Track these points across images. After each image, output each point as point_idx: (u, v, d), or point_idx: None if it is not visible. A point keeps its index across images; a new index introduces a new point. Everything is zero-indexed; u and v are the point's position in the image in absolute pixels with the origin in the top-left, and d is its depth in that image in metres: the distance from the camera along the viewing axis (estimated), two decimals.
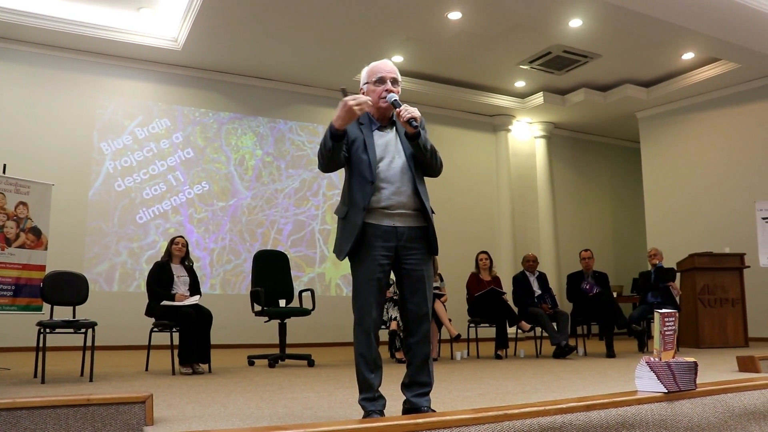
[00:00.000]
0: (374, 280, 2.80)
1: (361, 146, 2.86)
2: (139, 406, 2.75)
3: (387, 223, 2.81)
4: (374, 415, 2.76)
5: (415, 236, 2.84)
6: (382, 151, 2.87)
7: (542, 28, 8.82)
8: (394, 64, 2.99)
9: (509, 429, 2.67)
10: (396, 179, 2.83)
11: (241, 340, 8.87)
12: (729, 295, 8.61)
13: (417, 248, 2.84)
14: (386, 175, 2.83)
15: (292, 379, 5.03)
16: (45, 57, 8.89)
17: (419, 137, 2.77)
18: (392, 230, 2.81)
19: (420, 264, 2.84)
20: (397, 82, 2.92)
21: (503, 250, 11.70)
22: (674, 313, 3.37)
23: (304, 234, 10.29)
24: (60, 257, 7.40)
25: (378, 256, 2.80)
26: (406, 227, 2.83)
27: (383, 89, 2.88)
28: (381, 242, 2.80)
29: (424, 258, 2.86)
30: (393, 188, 2.82)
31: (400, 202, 2.82)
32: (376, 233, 2.80)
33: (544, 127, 12.62)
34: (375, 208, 2.81)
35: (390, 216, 2.82)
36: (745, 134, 10.44)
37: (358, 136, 2.89)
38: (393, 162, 2.86)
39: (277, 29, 8.55)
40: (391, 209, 2.81)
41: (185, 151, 9.67)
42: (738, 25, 8.37)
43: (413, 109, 2.76)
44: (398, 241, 2.82)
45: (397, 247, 2.83)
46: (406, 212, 2.84)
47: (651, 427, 3.00)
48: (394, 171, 2.84)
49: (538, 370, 5.60)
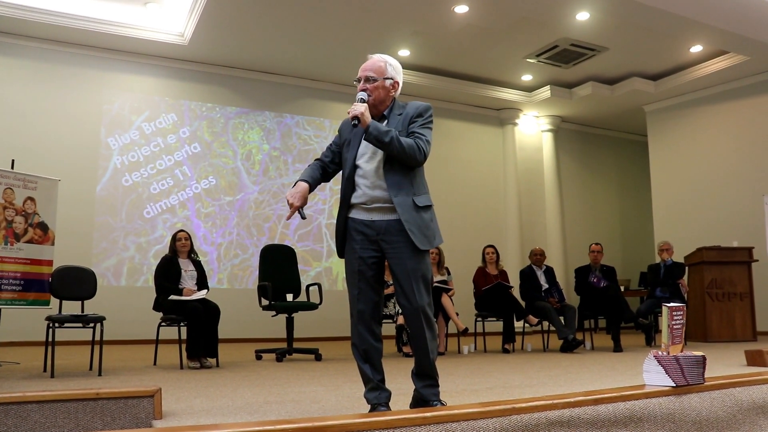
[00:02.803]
0: (356, 273, 2.88)
1: (347, 146, 2.97)
2: (147, 400, 2.76)
3: (365, 217, 2.88)
4: (379, 408, 2.80)
5: (394, 229, 2.83)
6: (365, 147, 2.90)
7: (549, 21, 8.78)
8: (378, 58, 2.99)
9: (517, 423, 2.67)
10: (371, 174, 2.87)
11: (249, 335, 8.89)
12: (737, 288, 8.57)
13: (398, 241, 2.83)
14: (364, 171, 2.88)
15: (300, 373, 5.05)
16: (52, 52, 8.91)
17: (370, 131, 2.76)
18: (369, 224, 2.87)
19: (402, 258, 2.82)
20: (372, 79, 2.91)
21: (510, 244, 11.68)
22: (682, 307, 3.36)
23: (311, 228, 10.29)
24: (68, 252, 7.43)
25: (358, 249, 2.87)
26: (383, 221, 2.86)
27: (360, 87, 2.92)
28: (361, 236, 2.88)
29: (407, 251, 2.81)
30: (368, 183, 2.87)
31: (374, 197, 2.85)
32: (357, 228, 2.89)
33: (551, 120, 12.57)
34: (355, 203, 2.90)
35: (368, 210, 2.88)
36: (753, 127, 10.37)
37: (348, 136, 2.97)
38: (372, 157, 2.89)
39: (284, 24, 8.54)
40: (368, 204, 2.87)
41: (192, 146, 9.68)
42: (746, 17, 8.31)
43: (356, 107, 2.78)
44: (377, 234, 2.86)
45: (378, 241, 2.86)
46: (382, 206, 2.85)
47: (659, 421, 3.00)
48: (372, 166, 2.87)
49: (546, 364, 5.60)
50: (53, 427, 2.56)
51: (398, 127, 2.88)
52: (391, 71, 2.96)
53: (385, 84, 2.93)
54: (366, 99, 2.87)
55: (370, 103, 2.89)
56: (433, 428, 2.49)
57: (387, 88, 2.94)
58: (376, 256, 2.89)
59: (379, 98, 2.92)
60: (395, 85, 2.97)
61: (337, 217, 2.97)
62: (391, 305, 6.92)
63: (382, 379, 2.92)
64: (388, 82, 2.94)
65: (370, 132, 2.76)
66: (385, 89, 2.93)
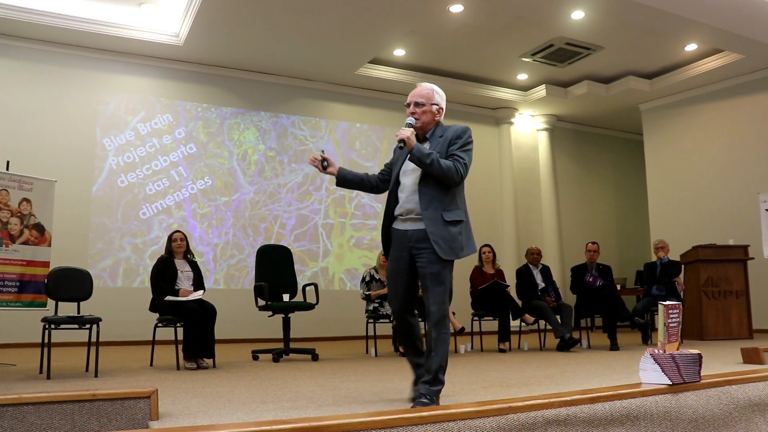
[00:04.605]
0: (393, 277, 3.30)
1: (395, 165, 3.40)
2: (144, 401, 2.76)
3: (401, 227, 3.27)
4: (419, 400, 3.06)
5: (423, 238, 3.14)
6: (407, 165, 3.27)
7: (544, 20, 8.79)
8: (426, 86, 3.36)
9: (513, 422, 2.68)
10: (409, 189, 3.23)
11: (245, 335, 8.89)
12: (733, 286, 8.59)
13: (424, 249, 3.14)
14: (403, 186, 3.27)
15: (297, 373, 5.04)
16: (47, 53, 8.88)
17: (414, 153, 3.09)
18: (404, 233, 3.24)
19: (426, 264, 3.13)
20: (421, 104, 3.28)
21: (506, 243, 11.70)
22: (678, 305, 3.37)
23: (307, 228, 10.29)
24: (64, 253, 7.41)
25: (396, 256, 3.28)
26: (414, 230, 3.20)
27: (409, 112, 3.30)
28: (398, 244, 3.27)
29: (431, 258, 3.12)
30: (405, 197, 3.25)
31: (408, 209, 3.22)
32: (395, 237, 3.30)
33: (547, 119, 12.58)
34: (396, 215, 3.30)
35: (404, 221, 3.26)
36: (748, 126, 10.40)
37: (396, 155, 3.41)
38: (411, 174, 3.25)
39: (279, 23, 8.54)
40: (404, 215, 3.25)
41: (188, 147, 9.67)
42: (741, 16, 8.33)
43: (403, 131, 3.13)
44: (409, 242, 3.21)
45: (410, 248, 3.21)
46: (414, 217, 3.20)
47: (655, 420, 3.00)
48: (410, 182, 3.24)
49: (542, 363, 5.60)
50: (49, 428, 2.56)
51: (439, 149, 3.20)
52: (438, 98, 3.33)
53: (431, 109, 3.29)
54: (413, 123, 3.24)
55: (417, 126, 3.26)
56: (430, 428, 2.50)
57: (433, 113, 3.30)
58: (410, 262, 3.24)
59: (425, 122, 3.29)
60: (440, 111, 3.34)
61: (381, 226, 3.40)
62: (388, 305, 6.92)
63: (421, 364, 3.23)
64: (434, 107, 3.30)
65: (413, 153, 3.09)
66: (432, 114, 3.30)
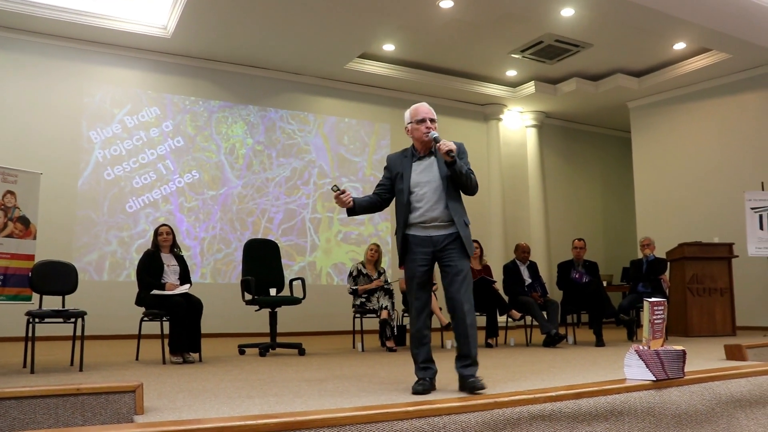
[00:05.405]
0: (414, 277, 3.58)
1: (399, 177, 3.66)
2: (129, 395, 2.74)
3: (423, 234, 3.55)
4: (421, 382, 3.40)
5: (449, 241, 3.53)
6: (418, 176, 3.61)
7: (534, 16, 8.80)
8: (429, 106, 3.74)
9: (499, 417, 2.69)
10: (429, 199, 3.55)
11: (232, 329, 8.86)
12: (717, 284, 8.66)
13: (451, 249, 3.52)
14: (421, 196, 3.56)
15: (283, 367, 5.03)
16: (32, 44, 8.78)
17: (455, 164, 3.46)
18: (428, 239, 3.54)
19: (454, 261, 3.50)
20: (434, 120, 3.67)
21: (494, 239, 11.72)
22: (663, 302, 3.39)
23: (294, 223, 10.27)
24: (49, 247, 7.35)
25: (417, 259, 3.55)
26: (440, 235, 3.54)
27: (425, 127, 3.61)
28: (420, 248, 3.55)
29: (458, 257, 3.52)
30: (427, 206, 3.54)
31: (432, 217, 3.54)
32: (416, 242, 3.57)
33: (536, 116, 12.61)
34: (413, 223, 3.58)
35: (425, 228, 3.55)
36: (735, 125, 10.47)
37: (399, 169, 3.67)
38: (428, 185, 3.57)
39: (268, 17, 8.49)
40: (426, 223, 3.55)
41: (175, 140, 9.62)
42: (729, 16, 8.38)
43: (450, 143, 3.46)
44: (434, 246, 3.53)
45: (435, 251, 3.54)
46: (438, 224, 3.54)
47: (639, 415, 3.02)
48: (430, 192, 3.56)
49: (528, 359, 5.63)
50: (32, 423, 2.54)
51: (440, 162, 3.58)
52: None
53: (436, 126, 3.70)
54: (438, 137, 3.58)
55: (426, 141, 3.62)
56: (416, 422, 2.50)
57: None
58: (428, 265, 3.57)
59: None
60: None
61: (397, 233, 3.67)
62: (375, 300, 6.91)
63: (431, 359, 3.55)
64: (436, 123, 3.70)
65: (457, 164, 3.47)
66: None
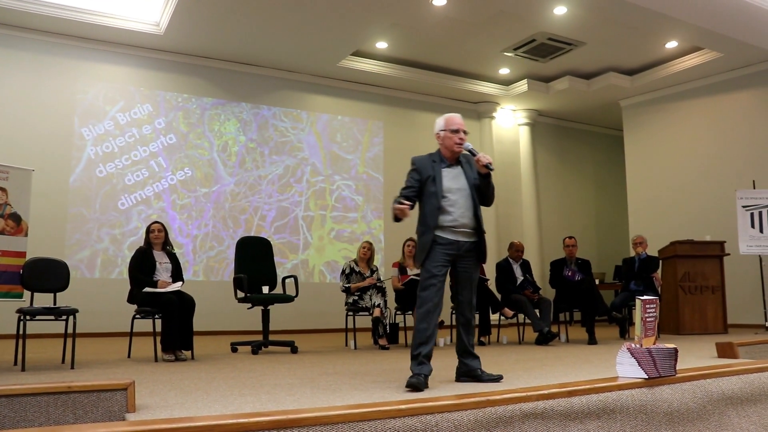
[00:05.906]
0: (434, 277, 3.70)
1: (431, 180, 3.78)
2: (120, 393, 2.73)
3: (451, 237, 3.74)
4: (416, 376, 3.47)
5: (470, 248, 3.81)
6: (450, 182, 3.79)
7: (527, 15, 8.80)
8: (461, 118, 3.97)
9: (491, 415, 2.69)
10: (461, 205, 3.76)
11: (224, 327, 8.84)
12: (709, 282, 8.70)
13: (469, 257, 3.82)
14: (453, 201, 3.74)
15: (276, 365, 5.03)
16: (24, 40, 8.73)
17: (490, 176, 3.79)
18: (454, 243, 3.74)
19: (470, 268, 3.84)
20: (467, 132, 3.89)
21: (486, 237, 11.70)
22: (655, 300, 3.40)
23: (287, 220, 10.25)
24: (41, 244, 7.32)
25: (439, 260, 3.70)
26: (465, 241, 3.78)
27: (459, 138, 3.83)
28: (443, 250, 3.72)
29: (474, 264, 3.86)
30: (459, 212, 3.74)
31: (462, 223, 3.76)
32: (443, 243, 3.72)
33: (528, 114, 12.63)
34: (443, 226, 3.73)
35: (454, 232, 3.74)
36: (727, 123, 10.52)
37: (430, 173, 3.79)
38: (459, 192, 3.78)
39: (261, 14, 8.47)
40: (456, 228, 3.74)
41: (168, 137, 9.58)
42: (721, 15, 8.41)
43: (488, 156, 3.76)
44: (458, 251, 3.75)
45: (456, 255, 3.75)
46: (466, 230, 3.78)
47: (631, 413, 3.03)
48: (461, 199, 3.77)
49: (521, 357, 5.64)
50: (23, 421, 2.53)
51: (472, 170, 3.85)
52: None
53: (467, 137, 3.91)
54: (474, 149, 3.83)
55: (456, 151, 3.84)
56: (409, 420, 2.50)
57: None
58: (447, 267, 3.76)
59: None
60: None
61: (424, 235, 3.75)
62: (367, 298, 6.91)
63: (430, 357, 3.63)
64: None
65: (490, 175, 3.80)
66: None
